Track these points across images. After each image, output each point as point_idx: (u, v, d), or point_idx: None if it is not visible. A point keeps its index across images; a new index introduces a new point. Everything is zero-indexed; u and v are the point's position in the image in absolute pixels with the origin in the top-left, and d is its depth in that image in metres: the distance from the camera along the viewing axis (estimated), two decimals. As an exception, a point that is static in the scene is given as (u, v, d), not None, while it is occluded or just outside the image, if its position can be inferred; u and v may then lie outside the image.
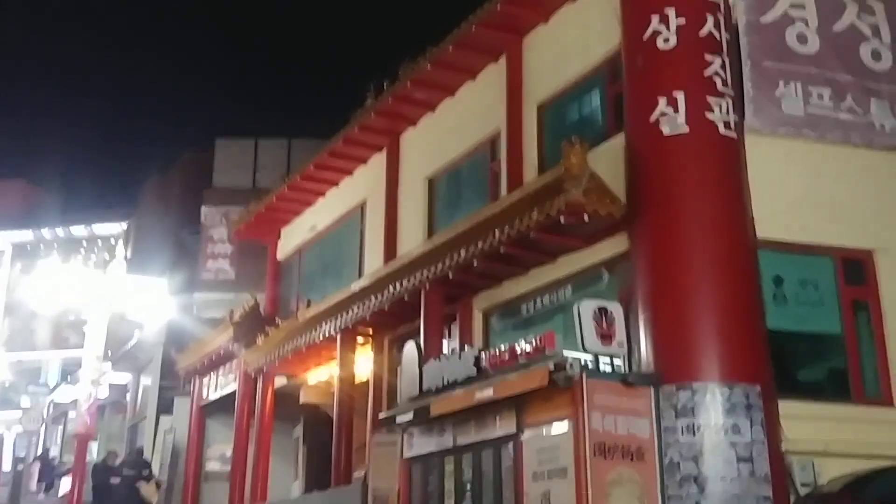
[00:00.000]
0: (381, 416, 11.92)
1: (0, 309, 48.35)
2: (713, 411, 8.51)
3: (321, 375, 17.16)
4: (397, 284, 12.84)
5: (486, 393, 9.35)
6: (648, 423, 8.64)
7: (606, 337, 8.81)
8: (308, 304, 16.78)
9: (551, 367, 8.50)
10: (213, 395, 21.02)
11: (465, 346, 11.32)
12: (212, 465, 21.26)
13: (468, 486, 9.87)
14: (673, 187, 9.47)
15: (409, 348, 11.43)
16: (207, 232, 23.31)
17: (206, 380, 21.43)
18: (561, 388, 8.48)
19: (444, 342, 12.51)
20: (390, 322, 14.13)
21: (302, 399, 17.98)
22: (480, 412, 9.64)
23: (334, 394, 16.94)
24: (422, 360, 11.01)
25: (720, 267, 9.20)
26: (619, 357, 8.95)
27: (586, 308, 8.88)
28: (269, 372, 17.68)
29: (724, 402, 8.51)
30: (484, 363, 9.74)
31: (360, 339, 14.96)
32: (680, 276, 9.14)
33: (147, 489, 17.26)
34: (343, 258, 17.37)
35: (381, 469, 12.25)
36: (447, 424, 10.28)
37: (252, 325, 18.97)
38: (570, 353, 8.73)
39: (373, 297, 13.52)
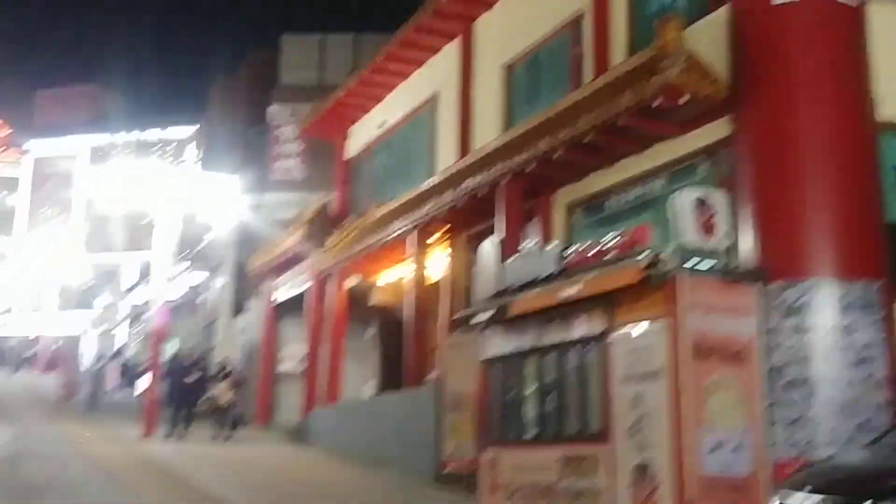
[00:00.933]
0: (457, 316, 11.40)
1: (78, 212, 49.34)
2: (825, 310, 7.74)
3: (393, 276, 16.77)
4: (473, 179, 12.17)
5: (571, 291, 8.70)
6: (751, 324, 7.91)
7: (707, 229, 8.01)
8: (378, 204, 16.26)
9: (645, 262, 7.77)
10: (285, 296, 20.91)
11: (550, 242, 10.62)
12: (286, 365, 21.31)
13: (551, 389, 9.33)
14: (783, 64, 8.48)
15: (487, 246, 10.81)
16: (276, 131, 22.83)
17: (277, 281, 21.31)
18: (655, 286, 7.77)
19: (523, 240, 11.87)
20: (465, 220, 13.54)
21: (373, 300, 17.67)
22: (565, 311, 9.00)
23: (406, 295, 16.58)
24: (501, 258, 10.38)
25: (835, 152, 8.29)
26: (720, 252, 8.15)
27: (686, 197, 8.07)
28: (341, 273, 17.35)
29: (839, 300, 7.73)
30: (569, 260, 9.05)
31: (432, 238, 14.42)
32: (790, 163, 8.25)
33: (221, 388, 17.28)
34: (414, 155, 16.70)
35: (455, 371, 11.84)
36: (528, 324, 9.70)
37: (322, 226, 18.64)
38: (665, 248, 7.96)
39: (447, 194, 12.89)
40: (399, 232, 14.52)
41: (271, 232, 21.47)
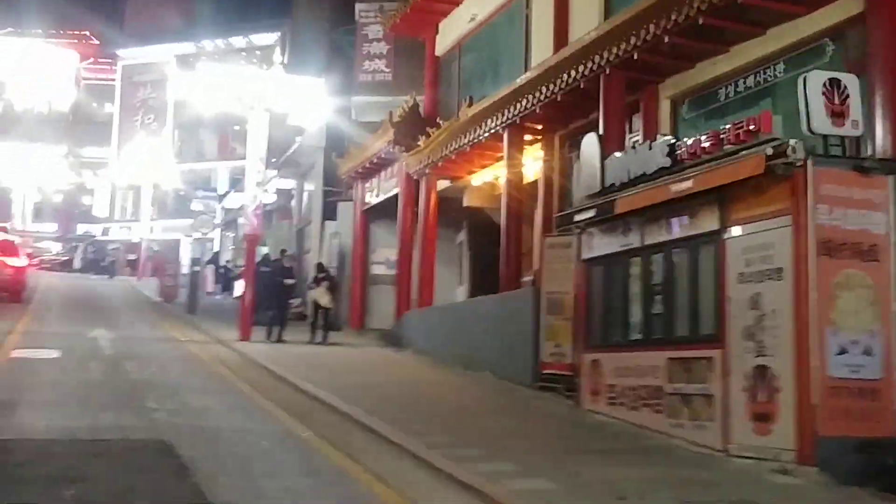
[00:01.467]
0: (557, 215, 10.95)
1: (169, 121, 50.07)
2: (970, 203, 7.01)
3: (485, 178, 16.36)
4: (572, 72, 11.51)
5: (684, 185, 8.13)
6: (884, 218, 7.23)
7: (838, 115, 7.27)
8: (470, 103, 15.73)
9: (769, 151, 7.14)
10: (376, 200, 20.75)
11: (655, 136, 10.00)
12: (377, 269, 21.30)
13: (658, 289, 8.88)
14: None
15: (589, 141, 10.23)
16: (362, 31, 22.25)
17: (367, 184, 21.13)
18: (779, 177, 7.14)
19: (626, 135, 11.27)
20: (562, 116, 12.95)
21: (465, 202, 17.31)
22: (675, 208, 8.47)
23: (499, 196, 16.16)
24: (604, 153, 9.82)
25: None
26: (851, 140, 7.44)
27: (815, 80, 7.32)
28: (432, 175, 16.99)
29: None
30: (680, 153, 8.45)
31: (528, 136, 13.88)
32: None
33: (320, 291, 17.34)
34: (507, 50, 16.01)
35: (554, 272, 11.47)
36: (633, 222, 9.21)
37: (412, 127, 18.23)
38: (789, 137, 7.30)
39: (543, 89, 12.27)
40: (492, 131, 14.02)
41: (360, 135, 21.21)
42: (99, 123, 54.68)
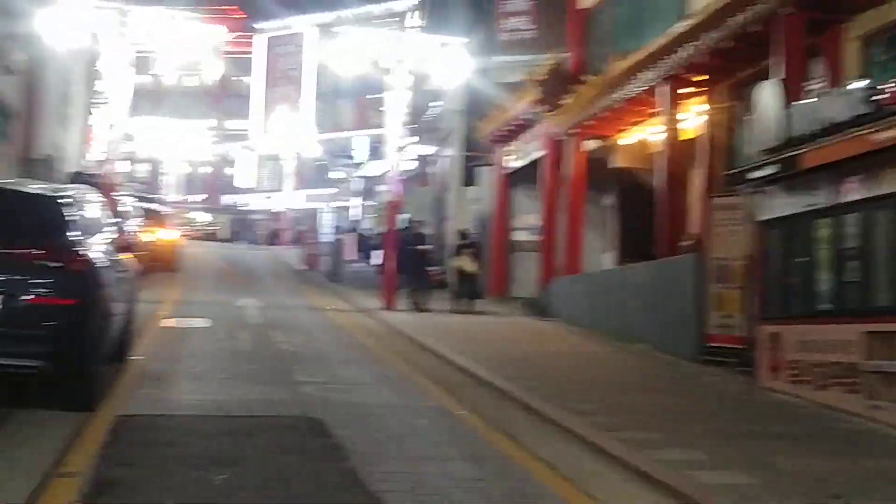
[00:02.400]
0: (728, 174, 9.96)
1: (309, 91, 50.78)
2: None
3: (636, 136, 15.38)
4: (740, 15, 10.42)
5: (887, 134, 7.07)
6: None
7: None
8: (620, 56, 14.72)
9: None
10: (517, 164, 20.05)
11: (842, 82, 8.87)
12: (519, 235, 20.66)
13: (853, 254, 7.85)
14: None
15: (766, 90, 9.22)
16: (502, -14, 21.49)
17: (508, 148, 20.44)
18: None
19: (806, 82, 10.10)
20: (727, 65, 11.84)
21: (614, 163, 16.38)
22: (872, 162, 7.42)
23: (651, 156, 15.19)
24: (784, 102, 8.78)
25: None
26: None
27: None
28: (578, 136, 16.14)
29: None
30: (881, 98, 7.36)
31: (686, 89, 12.83)
32: None
33: (464, 258, 16.87)
34: (661, -2, 14.91)
35: (721, 236, 10.53)
36: (821, 178, 8.18)
37: (556, 86, 17.37)
38: None
39: (706, 36, 11.22)
40: (646, 85, 13.06)
41: (501, 97, 20.50)
42: (242, 96, 56.09)
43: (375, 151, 38.96)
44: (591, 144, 16.53)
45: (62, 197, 6.83)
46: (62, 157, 30.14)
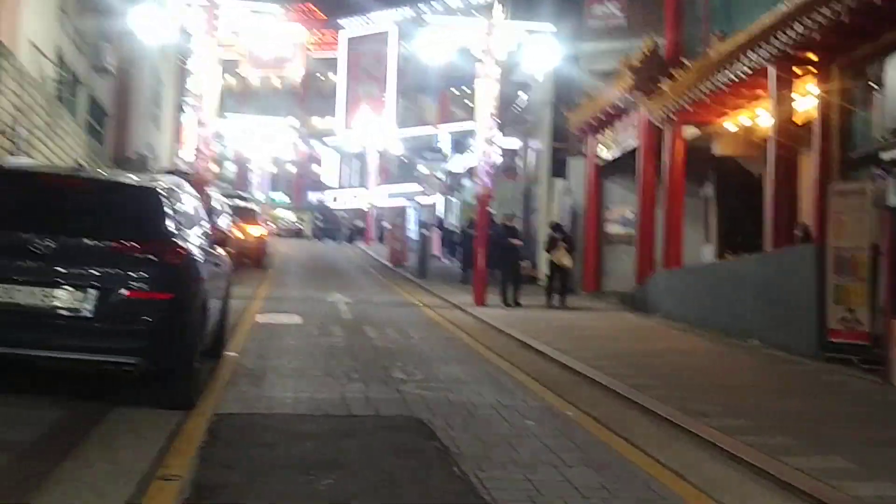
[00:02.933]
0: (853, 155, 9.23)
1: (391, 87, 50.80)
2: None
3: (739, 121, 14.63)
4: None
5: None
6: None
7: None
8: (723, 36, 13.99)
9: None
10: (610, 154, 19.41)
11: None
12: (612, 228, 20.02)
13: None
14: None
15: (897, 63, 8.46)
16: (591, -28, 20.82)
17: (600, 137, 19.82)
18: None
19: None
20: (844, 42, 11.03)
21: (716, 151, 15.66)
22: None
23: (756, 142, 14.47)
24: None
25: None
26: None
27: None
28: (678, 121, 15.45)
29: None
30: None
31: (797, 69, 12.06)
32: None
33: (559, 252, 16.33)
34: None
35: (843, 225, 9.78)
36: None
37: (652, 71, 16.69)
38: None
39: (824, 10, 10.45)
40: (753, 67, 12.32)
41: (590, 86, 19.90)
42: (324, 95, 56.51)
43: (458, 146, 38.70)
44: (690, 131, 15.83)
45: (158, 188, 6.60)
46: (155, 157, 30.71)
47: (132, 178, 7.22)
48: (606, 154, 19.59)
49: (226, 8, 17.45)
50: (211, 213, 18.51)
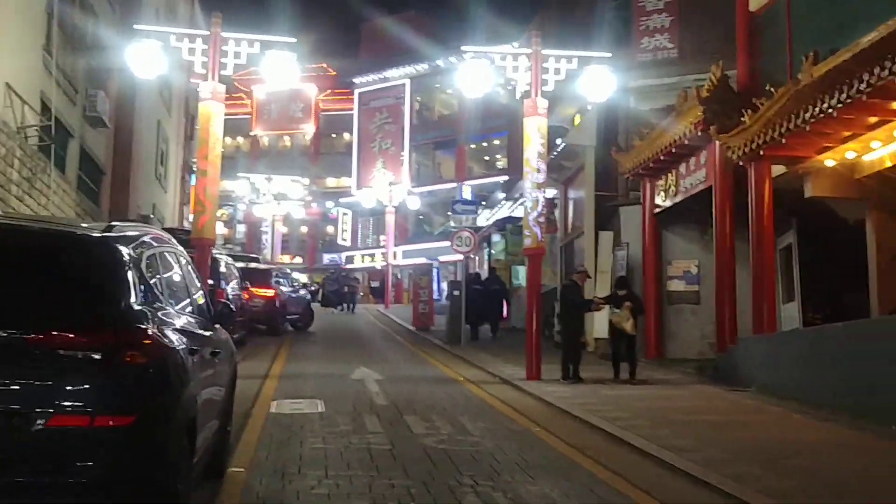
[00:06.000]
0: None
1: (406, 144, 49.05)
2: None
3: (844, 156, 12.34)
4: None
5: None
6: None
7: None
8: (815, 59, 11.72)
9: None
10: (669, 201, 17.07)
11: None
12: (675, 285, 17.58)
13: None
14: None
15: None
16: (639, 2, 18.72)
17: (658, 182, 17.50)
18: None
19: None
20: None
21: (808, 192, 13.28)
22: None
23: (860, 181, 12.21)
24: None
25: None
26: None
27: None
28: (764, 158, 13.11)
29: None
30: None
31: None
32: None
33: (621, 314, 13.80)
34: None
35: None
36: None
37: (724, 103, 14.47)
38: None
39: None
40: (864, 90, 10.02)
41: (644, 123, 17.67)
42: (338, 153, 54.76)
43: (484, 199, 36.48)
44: (777, 170, 13.52)
45: (116, 241, 4.21)
46: (160, 218, 28.60)
47: (75, 227, 4.67)
48: (666, 201, 17.27)
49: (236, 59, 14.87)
50: (216, 277, 16.43)
